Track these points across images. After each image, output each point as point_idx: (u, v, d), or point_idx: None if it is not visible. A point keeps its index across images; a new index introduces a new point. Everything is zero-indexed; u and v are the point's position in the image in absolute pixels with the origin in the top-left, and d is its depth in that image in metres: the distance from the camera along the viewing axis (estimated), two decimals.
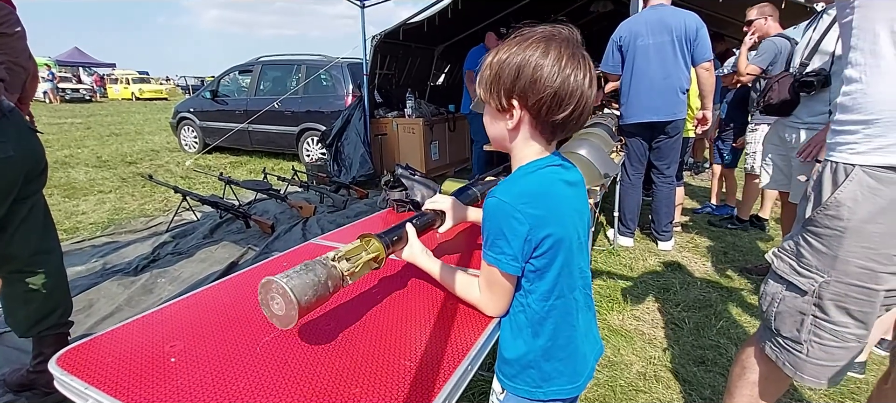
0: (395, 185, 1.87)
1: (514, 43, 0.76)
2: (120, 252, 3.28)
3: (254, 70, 6.99)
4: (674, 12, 2.94)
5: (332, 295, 0.87)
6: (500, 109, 0.79)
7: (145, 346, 0.85)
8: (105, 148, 8.19)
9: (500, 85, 0.77)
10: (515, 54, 0.75)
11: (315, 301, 0.82)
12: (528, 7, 6.06)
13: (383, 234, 1.04)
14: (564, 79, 0.74)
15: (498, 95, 0.78)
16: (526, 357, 0.86)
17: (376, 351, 0.85)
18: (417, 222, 1.13)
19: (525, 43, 0.75)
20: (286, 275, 0.80)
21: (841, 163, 0.99)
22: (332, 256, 0.89)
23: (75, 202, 4.65)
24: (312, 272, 0.83)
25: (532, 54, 0.74)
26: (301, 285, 0.80)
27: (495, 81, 0.77)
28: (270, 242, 3.46)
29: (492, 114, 0.82)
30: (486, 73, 0.79)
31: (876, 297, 0.97)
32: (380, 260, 0.99)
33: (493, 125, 0.84)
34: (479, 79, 0.81)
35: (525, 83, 0.74)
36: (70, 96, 21.85)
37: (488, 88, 0.79)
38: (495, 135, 0.85)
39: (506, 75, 0.76)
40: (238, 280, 1.15)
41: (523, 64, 0.74)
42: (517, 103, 0.77)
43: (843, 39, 1.02)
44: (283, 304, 0.80)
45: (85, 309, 2.44)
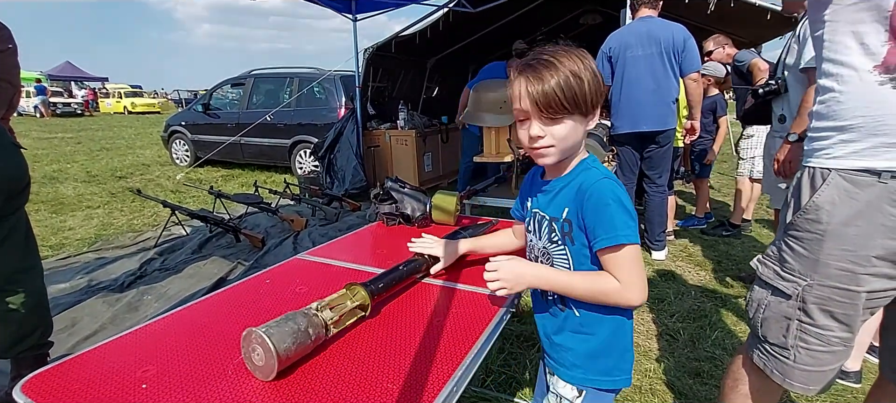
0: (385, 198, 1.84)
1: (563, 57, 0.83)
2: (106, 268, 3.22)
3: (246, 83, 6.97)
4: (662, 24, 2.96)
5: (314, 345, 0.85)
6: (586, 114, 0.86)
7: (117, 371, 0.81)
8: (95, 162, 8.11)
9: (594, 91, 0.84)
10: (579, 63, 0.83)
11: (296, 351, 0.81)
12: (518, 21, 6.11)
13: (370, 283, 1.02)
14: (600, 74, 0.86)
15: (592, 102, 0.85)
16: (610, 341, 0.92)
17: (358, 373, 0.82)
18: (404, 269, 1.15)
19: (574, 55, 0.84)
20: (267, 327, 0.80)
21: (818, 167, 1.02)
22: (314, 307, 0.88)
23: (62, 217, 4.58)
24: (293, 323, 0.82)
25: (589, 62, 0.85)
26: (280, 336, 0.79)
27: (589, 90, 0.84)
28: (260, 256, 3.42)
29: (577, 122, 0.86)
30: (576, 85, 0.82)
31: (858, 299, 0.99)
32: (365, 307, 0.98)
33: (574, 133, 0.87)
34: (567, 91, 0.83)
35: (600, 85, 0.85)
36: (61, 111, 21.70)
37: (583, 99, 0.84)
38: (574, 142, 0.88)
39: (592, 82, 0.84)
40: (216, 298, 1.12)
41: (595, 71, 0.85)
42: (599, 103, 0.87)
43: (817, 51, 1.05)
44: (263, 355, 0.78)
45: (67, 327, 2.38)
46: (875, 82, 0.91)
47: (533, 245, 1.00)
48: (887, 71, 0.90)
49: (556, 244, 0.93)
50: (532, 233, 1.01)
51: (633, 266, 0.85)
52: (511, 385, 1.93)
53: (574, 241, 0.90)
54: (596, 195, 0.85)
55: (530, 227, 1.01)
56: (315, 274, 1.29)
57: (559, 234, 0.92)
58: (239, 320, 1.00)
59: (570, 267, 0.92)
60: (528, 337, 2.25)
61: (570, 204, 0.89)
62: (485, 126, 2.29)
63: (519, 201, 1.13)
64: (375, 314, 1.04)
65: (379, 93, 6.18)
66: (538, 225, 0.97)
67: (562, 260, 0.93)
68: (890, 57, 0.89)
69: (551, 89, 0.82)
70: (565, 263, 0.92)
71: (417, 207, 1.77)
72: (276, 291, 1.16)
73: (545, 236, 0.95)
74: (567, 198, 0.90)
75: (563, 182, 0.93)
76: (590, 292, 0.89)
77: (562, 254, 0.93)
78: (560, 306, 0.96)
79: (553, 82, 0.82)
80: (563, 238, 0.91)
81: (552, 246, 0.94)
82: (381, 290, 1.05)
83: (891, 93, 0.90)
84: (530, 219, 1.01)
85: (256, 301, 1.10)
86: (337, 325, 0.90)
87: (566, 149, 0.89)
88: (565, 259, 0.92)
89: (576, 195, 0.88)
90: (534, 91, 0.83)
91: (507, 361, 2.08)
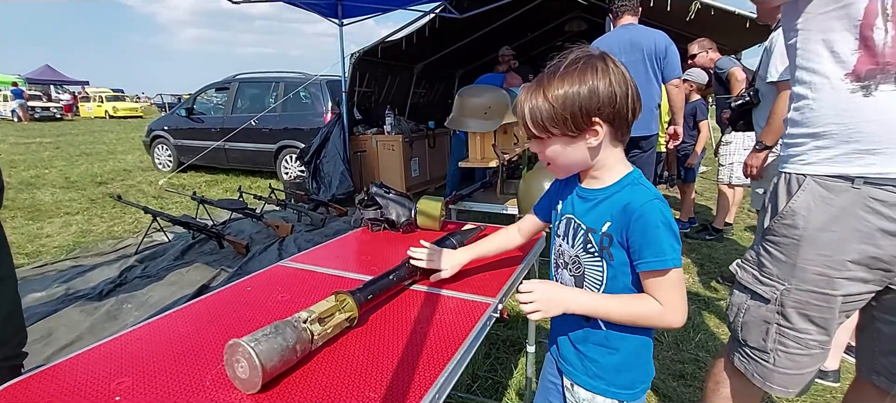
0: (370, 204, 1.83)
1: (565, 75, 0.83)
2: (85, 276, 3.14)
3: (231, 87, 6.90)
4: (644, 32, 3.01)
5: (299, 358, 0.84)
6: (574, 134, 0.85)
7: (89, 383, 0.79)
8: (74, 168, 7.93)
9: (575, 112, 0.82)
10: (576, 83, 0.82)
11: (280, 365, 0.79)
12: (505, 27, 6.16)
13: (358, 291, 1.01)
14: (621, 80, 0.83)
15: (572, 122, 0.83)
16: (634, 356, 0.92)
17: (340, 383, 0.81)
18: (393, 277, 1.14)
19: (576, 71, 0.82)
20: (255, 340, 0.77)
21: (794, 173, 1.04)
22: (304, 318, 0.87)
23: (39, 225, 4.46)
24: (282, 337, 0.80)
25: (593, 76, 0.82)
26: (268, 351, 0.77)
27: (565, 112, 0.82)
28: (244, 263, 3.37)
29: (564, 142, 0.86)
30: (545, 109, 0.83)
31: (834, 303, 1.01)
32: (353, 319, 0.97)
33: (568, 152, 0.87)
34: (534, 117, 0.85)
35: (602, 99, 0.82)
36: (40, 115, 21.20)
37: (557, 121, 0.84)
38: (575, 159, 0.89)
39: (579, 102, 0.82)
40: (195, 307, 1.10)
41: (593, 86, 0.81)
42: (599, 119, 0.83)
43: (790, 60, 1.06)
44: (247, 369, 0.76)
45: (42, 338, 2.32)
46: (846, 90, 0.93)
47: (562, 250, 0.97)
48: (858, 79, 0.92)
49: (592, 255, 0.90)
50: (561, 238, 0.98)
51: (677, 289, 0.84)
52: (497, 391, 1.92)
53: (612, 257, 0.88)
54: (645, 216, 0.82)
55: (559, 231, 0.99)
56: (297, 281, 1.27)
57: (596, 247, 0.89)
58: (219, 329, 0.99)
59: (602, 281, 0.90)
60: (515, 342, 2.25)
61: (614, 220, 0.86)
62: (470, 131, 2.29)
63: (545, 199, 1.11)
64: (361, 321, 1.03)
65: (365, 98, 6.17)
66: (572, 232, 0.94)
67: (595, 272, 0.91)
68: (860, 65, 0.91)
69: (522, 113, 0.87)
70: (599, 275, 0.90)
71: (402, 213, 1.76)
72: (257, 299, 1.15)
73: (579, 245, 0.92)
74: (609, 212, 0.88)
75: (604, 193, 0.90)
76: (629, 317, 0.87)
77: (597, 266, 0.90)
78: (585, 317, 0.93)
79: (527, 106, 0.86)
80: (601, 251, 0.89)
81: (586, 256, 0.91)
82: (369, 299, 1.03)
83: (862, 101, 0.92)
84: (560, 222, 0.99)
85: (237, 309, 1.09)
86: (324, 337, 0.89)
87: (570, 166, 0.91)
88: (599, 271, 0.90)
89: (622, 212, 0.85)
90: (519, 109, 0.88)
91: (493, 366, 2.08)
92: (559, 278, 0.99)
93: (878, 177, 0.92)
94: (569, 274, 0.96)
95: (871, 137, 0.91)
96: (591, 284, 0.92)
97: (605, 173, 0.90)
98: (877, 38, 0.89)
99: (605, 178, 0.90)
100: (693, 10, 4.00)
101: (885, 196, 0.92)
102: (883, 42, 0.88)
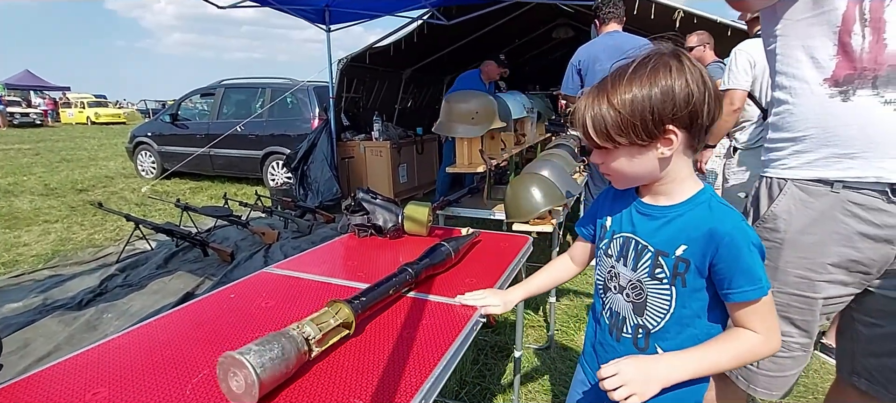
0: (357, 209, 1.82)
1: (634, 77, 0.74)
2: (64, 286, 3.07)
3: (216, 93, 6.82)
4: (629, 38, 3.05)
5: (292, 372, 0.82)
6: (644, 143, 0.75)
7: (63, 396, 0.77)
8: (54, 175, 7.76)
9: (646, 117, 0.73)
10: (646, 84, 0.73)
11: (275, 382, 0.77)
12: (492, 34, 6.21)
13: (356, 299, 0.99)
14: (698, 79, 0.73)
15: (643, 130, 0.74)
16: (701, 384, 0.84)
17: (327, 387, 0.80)
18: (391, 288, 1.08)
19: (646, 71, 0.74)
20: (260, 363, 0.74)
21: (775, 178, 1.05)
22: (309, 335, 0.84)
23: (17, 233, 4.35)
24: (285, 363, 0.77)
25: (666, 75, 0.73)
26: (272, 374, 0.75)
27: (634, 118, 0.73)
28: (229, 271, 3.32)
29: (632, 152, 0.77)
30: (610, 116, 0.75)
31: (815, 305, 1.02)
32: (349, 325, 0.94)
33: (636, 163, 0.78)
34: (596, 126, 0.76)
35: (677, 102, 0.72)
36: (19, 121, 20.73)
37: (624, 129, 0.75)
38: (643, 171, 0.79)
39: (651, 105, 0.73)
40: (176, 315, 1.07)
41: (666, 87, 0.72)
42: (674, 125, 0.74)
43: (770, 65, 1.08)
44: (244, 386, 0.74)
45: (18, 349, 2.25)
46: (825, 95, 0.95)
47: (616, 272, 0.87)
48: (836, 84, 0.93)
49: (660, 282, 0.81)
50: (614, 259, 0.88)
51: (773, 313, 0.78)
52: (485, 396, 1.91)
53: (686, 284, 0.79)
54: (736, 242, 0.74)
55: (611, 251, 0.89)
56: (283, 287, 1.25)
57: (668, 272, 0.80)
58: (200, 338, 0.96)
59: (669, 309, 0.81)
60: (503, 348, 2.25)
61: (692, 244, 0.77)
62: (457, 137, 2.30)
63: (588, 216, 1.02)
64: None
65: (353, 103, 6.15)
66: (631, 253, 0.85)
67: (661, 299, 0.81)
68: (838, 70, 0.93)
69: (583, 121, 0.78)
70: (665, 303, 0.81)
71: (389, 218, 1.75)
72: (240, 306, 1.13)
73: (644, 269, 0.82)
74: (686, 235, 0.78)
75: (675, 212, 0.80)
76: (737, 360, 0.78)
77: (664, 293, 0.81)
78: (638, 346, 0.85)
79: (589, 114, 0.77)
80: (674, 278, 0.79)
81: (652, 282, 0.81)
82: (366, 308, 1.01)
83: (840, 106, 0.93)
84: (612, 241, 0.89)
85: (219, 317, 1.06)
86: (320, 345, 0.87)
87: (630, 179, 0.82)
88: (667, 299, 0.81)
89: (706, 238, 0.76)
90: (579, 117, 0.79)
91: (481, 372, 2.07)
92: (608, 303, 0.90)
93: (856, 181, 0.93)
94: (624, 300, 0.86)
95: (849, 142, 0.93)
96: (654, 312, 0.83)
97: (676, 187, 0.81)
98: (855, 43, 0.90)
99: (675, 194, 0.81)
100: (677, 18, 4.07)
101: (863, 199, 0.93)
102: (860, 48, 0.90)
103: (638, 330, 0.85)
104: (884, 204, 0.91)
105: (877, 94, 0.89)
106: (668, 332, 0.82)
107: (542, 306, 2.73)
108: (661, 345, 0.83)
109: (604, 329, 0.92)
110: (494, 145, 2.55)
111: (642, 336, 0.84)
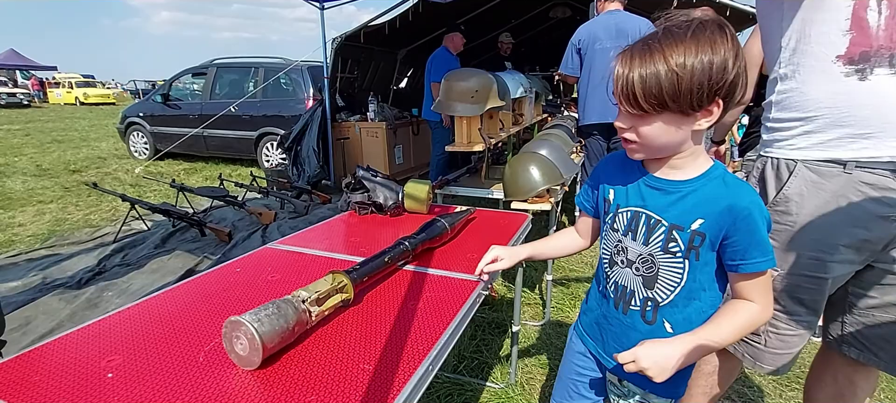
0: (357, 187, 1.83)
1: (693, 41, 0.70)
2: (62, 265, 3.07)
3: (208, 73, 6.72)
4: (629, 18, 3.04)
5: (294, 337, 0.84)
6: (690, 113, 0.73)
7: (80, 361, 0.79)
8: (46, 155, 7.67)
9: (703, 85, 0.70)
10: (708, 51, 0.69)
11: (278, 343, 0.80)
12: (488, 13, 6.14)
13: (354, 271, 1.02)
14: (742, 55, 0.71)
15: (696, 98, 0.71)
16: None
17: (333, 357, 0.82)
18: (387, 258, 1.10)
19: (705, 36, 0.70)
20: (258, 320, 0.77)
21: (782, 159, 1.03)
22: (303, 297, 0.87)
23: (11, 213, 4.32)
24: (284, 319, 0.80)
25: (724, 46, 0.70)
26: (271, 332, 0.77)
27: (693, 84, 0.70)
28: (228, 250, 3.33)
29: (671, 120, 0.74)
30: (666, 79, 0.70)
31: (825, 286, 1.02)
32: (347, 301, 0.97)
33: (672, 132, 0.75)
34: (647, 87, 0.71)
35: (729, 75, 0.70)
36: (6, 101, 20.34)
37: (679, 95, 0.70)
38: (673, 142, 0.77)
39: (710, 74, 0.69)
40: (185, 288, 1.09)
41: (724, 58, 0.69)
42: (720, 98, 0.72)
43: (772, 40, 1.04)
44: (247, 347, 0.77)
45: (21, 326, 2.26)
46: (840, 74, 0.92)
47: (624, 246, 0.87)
48: (851, 62, 0.90)
49: (674, 255, 0.81)
50: (622, 233, 0.87)
51: (770, 285, 0.81)
52: (483, 370, 1.96)
53: (699, 257, 0.79)
54: (753, 216, 0.75)
55: (617, 225, 0.88)
56: (287, 262, 1.27)
57: (682, 246, 0.80)
58: (210, 309, 0.98)
59: (680, 282, 0.82)
60: (500, 325, 2.29)
61: (710, 218, 0.77)
62: (456, 115, 2.30)
63: (588, 189, 0.99)
64: (354, 299, 1.04)
65: (348, 84, 6.10)
66: (641, 227, 0.84)
67: (673, 273, 0.82)
68: (853, 47, 0.90)
69: (634, 81, 0.71)
70: (677, 276, 0.82)
71: (390, 196, 1.77)
72: (247, 280, 1.15)
73: (656, 243, 0.82)
74: (701, 209, 0.78)
75: (690, 186, 0.79)
76: (741, 333, 0.80)
77: (677, 267, 0.81)
78: (646, 319, 0.86)
79: (638, 73, 0.71)
80: (689, 252, 0.79)
81: (665, 255, 0.82)
82: (364, 279, 1.04)
83: (856, 85, 0.91)
84: (618, 216, 0.88)
85: (228, 289, 1.08)
86: (320, 316, 0.90)
87: (656, 149, 0.78)
88: (679, 272, 0.81)
89: (724, 212, 0.76)
90: (621, 75, 0.73)
91: (479, 347, 2.11)
92: (614, 277, 0.90)
93: (870, 161, 0.92)
94: (633, 273, 0.86)
95: (865, 121, 0.91)
96: (665, 285, 0.83)
97: (691, 162, 0.79)
98: (870, 19, 0.87)
99: (690, 169, 0.80)
100: None
101: (876, 179, 0.92)
102: (877, 24, 0.87)
103: (647, 303, 0.85)
104: (895, 182, 0.91)
105: (894, 73, 0.87)
106: (677, 305, 0.83)
107: (539, 284, 2.77)
108: (668, 318, 0.84)
109: (609, 302, 0.91)
110: (493, 125, 2.56)
111: (650, 309, 0.85)
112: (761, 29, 1.09)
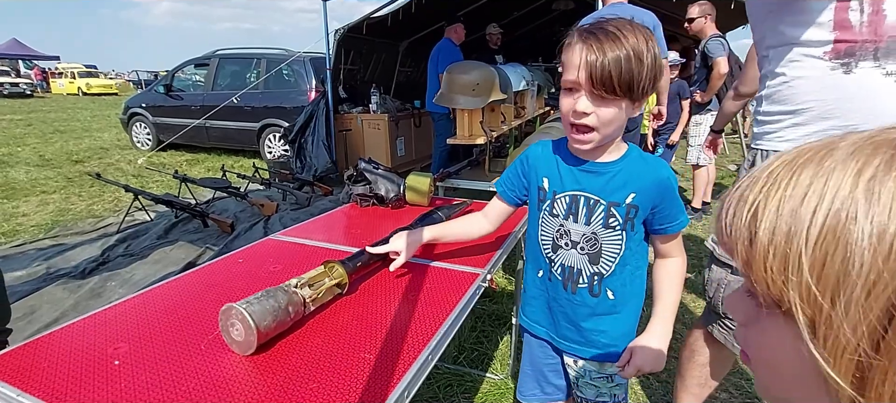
0: (359, 179, 1.84)
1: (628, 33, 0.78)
2: (65, 255, 3.09)
3: (211, 64, 6.72)
4: (631, 11, 3.02)
5: (292, 321, 0.86)
6: (638, 100, 0.83)
7: (87, 349, 0.80)
8: (49, 146, 7.69)
9: (653, 76, 0.81)
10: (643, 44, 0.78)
11: (274, 327, 0.81)
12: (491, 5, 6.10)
13: (347, 260, 1.03)
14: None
15: (645, 89, 0.81)
16: (634, 316, 0.98)
17: (334, 347, 0.84)
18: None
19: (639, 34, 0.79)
20: (247, 302, 0.79)
21: (772, 151, 1.06)
22: (294, 283, 0.89)
23: (15, 203, 4.34)
24: (274, 299, 0.82)
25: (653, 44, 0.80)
26: (261, 312, 0.79)
27: (650, 74, 0.80)
28: (230, 241, 3.35)
29: (626, 106, 0.83)
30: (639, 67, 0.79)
31: None
32: (343, 285, 0.98)
33: (622, 117, 0.84)
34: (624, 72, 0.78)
35: (657, 72, 0.81)
36: (8, 91, 20.35)
37: (643, 84, 0.80)
38: (620, 125, 0.86)
39: (657, 66, 0.80)
40: (188, 278, 1.11)
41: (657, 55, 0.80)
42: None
43: (761, 34, 1.07)
44: (242, 331, 0.78)
45: (26, 315, 2.29)
46: (826, 68, 0.95)
47: (566, 229, 0.93)
48: (837, 56, 0.93)
49: (613, 229, 0.89)
50: (563, 217, 0.93)
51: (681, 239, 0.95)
52: (483, 362, 1.98)
53: (634, 228, 0.89)
54: (671, 185, 0.89)
55: (556, 209, 0.94)
56: (289, 253, 1.29)
57: (620, 220, 0.88)
58: (213, 298, 1.00)
59: (620, 252, 0.91)
60: (500, 316, 2.31)
61: (641, 192, 0.87)
62: (458, 108, 2.31)
63: (512, 180, 1.04)
64: (352, 290, 1.05)
65: (351, 75, 6.09)
66: (584, 210, 0.91)
67: (613, 245, 0.91)
68: (839, 42, 0.93)
69: (609, 65, 0.76)
70: (616, 247, 0.90)
71: (391, 188, 1.78)
72: (249, 270, 1.16)
73: (598, 221, 0.90)
74: (632, 185, 0.88)
75: (618, 166, 0.89)
76: (681, 287, 0.95)
77: (616, 240, 0.90)
78: (593, 293, 0.94)
79: (612, 57, 0.76)
80: (626, 224, 0.89)
81: (607, 231, 0.90)
82: (359, 267, 1.06)
83: (842, 79, 0.93)
84: (556, 201, 0.94)
85: (230, 280, 1.10)
86: (315, 302, 0.91)
87: (607, 136, 0.85)
88: (618, 243, 0.90)
89: (654, 186, 0.87)
90: (592, 61, 0.77)
91: (479, 339, 2.13)
92: (560, 260, 0.95)
93: None
94: (578, 253, 0.93)
95: (850, 114, 0.93)
96: (608, 258, 0.91)
97: (616, 145, 0.91)
98: (852, 18, 0.90)
99: (614, 152, 0.90)
100: None
101: None
102: (859, 21, 0.90)
103: (593, 279, 0.93)
104: None
105: (878, 66, 0.90)
106: (616, 273, 0.92)
107: None
108: (610, 287, 0.93)
109: (556, 285, 0.97)
110: (494, 117, 2.56)
111: (597, 283, 0.93)
112: (752, 27, 1.11)
